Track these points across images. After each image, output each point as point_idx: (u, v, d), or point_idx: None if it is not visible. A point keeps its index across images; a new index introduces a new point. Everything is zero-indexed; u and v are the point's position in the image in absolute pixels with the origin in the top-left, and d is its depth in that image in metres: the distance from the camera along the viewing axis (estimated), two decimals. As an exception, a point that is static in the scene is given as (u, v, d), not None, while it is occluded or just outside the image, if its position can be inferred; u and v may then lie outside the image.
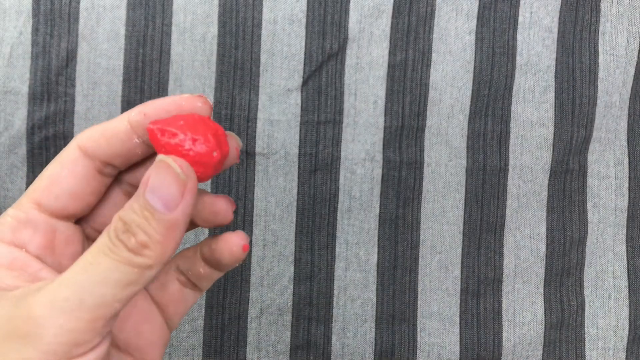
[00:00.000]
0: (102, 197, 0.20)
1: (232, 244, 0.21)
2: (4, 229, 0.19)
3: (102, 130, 0.19)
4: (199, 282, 0.22)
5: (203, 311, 0.35)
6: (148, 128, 0.18)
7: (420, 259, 0.36)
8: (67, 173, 0.19)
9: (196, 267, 0.22)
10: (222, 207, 0.20)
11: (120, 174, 0.20)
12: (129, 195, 0.21)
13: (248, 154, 0.35)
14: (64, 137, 0.34)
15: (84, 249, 0.20)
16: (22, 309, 0.16)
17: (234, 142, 0.20)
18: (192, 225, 0.21)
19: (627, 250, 0.38)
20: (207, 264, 0.21)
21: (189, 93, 0.20)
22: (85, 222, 0.21)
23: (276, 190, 0.35)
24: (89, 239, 0.21)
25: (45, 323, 0.16)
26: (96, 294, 0.16)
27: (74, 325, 0.16)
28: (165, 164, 0.17)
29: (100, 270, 0.17)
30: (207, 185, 0.35)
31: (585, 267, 0.37)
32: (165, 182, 0.17)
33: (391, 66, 0.36)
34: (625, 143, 0.38)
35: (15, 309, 0.17)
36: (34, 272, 0.18)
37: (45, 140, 0.34)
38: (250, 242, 0.35)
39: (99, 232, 0.20)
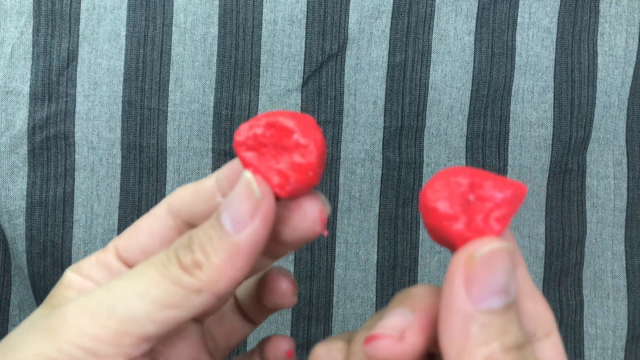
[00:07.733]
0: None
1: (277, 346, 0.21)
2: (87, 264, 0.18)
3: (193, 187, 0.18)
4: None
5: (203, 310, 0.35)
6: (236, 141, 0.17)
7: (419, 259, 0.36)
8: (144, 229, 0.18)
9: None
10: (282, 287, 0.20)
11: None
12: None
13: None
14: (65, 137, 0.34)
15: None
16: (59, 308, 0.16)
17: (319, 206, 0.17)
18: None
19: (626, 250, 0.38)
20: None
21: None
22: None
23: (276, 190, 0.35)
24: None
25: (70, 322, 0.15)
26: (129, 305, 0.15)
27: (97, 332, 0.15)
28: (245, 179, 0.15)
29: (142, 282, 0.15)
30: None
31: (584, 267, 0.38)
32: (238, 198, 0.15)
33: (391, 67, 0.36)
34: (623, 143, 0.38)
35: (53, 309, 0.17)
36: None
37: (46, 140, 0.34)
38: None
39: None
